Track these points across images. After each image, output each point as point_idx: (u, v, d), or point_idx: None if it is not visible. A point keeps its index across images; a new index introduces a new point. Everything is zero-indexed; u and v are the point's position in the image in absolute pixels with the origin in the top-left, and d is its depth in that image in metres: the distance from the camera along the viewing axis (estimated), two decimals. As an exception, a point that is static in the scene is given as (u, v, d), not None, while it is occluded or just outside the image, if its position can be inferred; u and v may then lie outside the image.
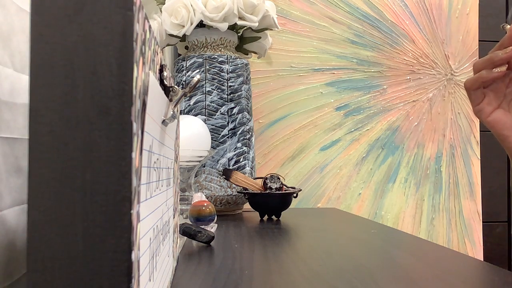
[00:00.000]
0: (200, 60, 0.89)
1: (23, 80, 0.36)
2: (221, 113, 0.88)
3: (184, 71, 0.90)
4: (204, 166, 0.87)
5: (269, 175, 0.82)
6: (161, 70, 0.28)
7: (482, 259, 1.28)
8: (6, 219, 0.32)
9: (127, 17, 0.18)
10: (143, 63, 0.21)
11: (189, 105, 0.88)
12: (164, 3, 0.89)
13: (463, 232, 1.30)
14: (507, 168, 1.47)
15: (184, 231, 0.53)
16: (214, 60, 0.89)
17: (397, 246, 0.55)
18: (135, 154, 0.18)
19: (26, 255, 0.24)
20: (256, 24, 0.88)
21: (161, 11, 0.90)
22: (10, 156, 0.33)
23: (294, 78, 1.24)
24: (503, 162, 1.46)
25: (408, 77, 1.30)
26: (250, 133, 0.93)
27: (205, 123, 0.83)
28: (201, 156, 0.71)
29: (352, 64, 1.27)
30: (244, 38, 0.97)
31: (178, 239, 0.48)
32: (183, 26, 0.86)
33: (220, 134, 0.88)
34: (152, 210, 0.24)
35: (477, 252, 1.31)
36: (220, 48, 0.90)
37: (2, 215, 0.32)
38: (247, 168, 0.90)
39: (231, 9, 0.84)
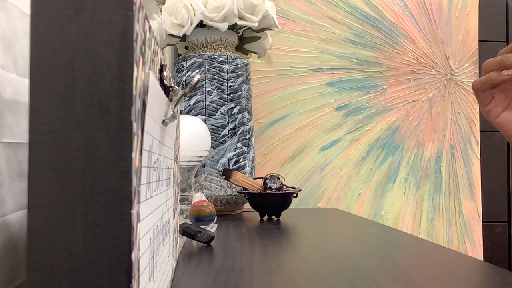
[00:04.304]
0: (200, 60, 0.89)
1: (26, 84, 0.36)
2: (221, 113, 0.88)
3: (184, 71, 0.90)
4: (204, 166, 0.87)
5: (269, 175, 0.82)
6: (161, 70, 0.28)
7: (482, 259, 1.28)
8: (9, 224, 0.32)
9: (127, 17, 0.18)
10: (143, 63, 0.21)
11: (189, 105, 0.88)
12: (164, 3, 0.89)
13: (463, 232, 1.30)
14: (507, 168, 1.47)
15: (184, 231, 0.53)
16: (214, 60, 0.89)
17: (397, 246, 0.55)
18: (135, 154, 0.18)
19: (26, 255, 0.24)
20: (256, 24, 0.88)
21: (161, 11, 0.90)
22: (13, 161, 0.33)
23: (294, 78, 1.24)
24: (503, 162, 1.46)
25: (408, 77, 1.30)
26: (250, 133, 0.93)
27: (205, 123, 0.83)
28: (201, 156, 0.71)
29: (352, 64, 1.27)
30: (244, 38, 0.97)
31: (178, 239, 0.48)
32: (183, 26, 0.86)
33: (220, 134, 0.88)
34: (152, 210, 0.24)
35: (477, 252, 1.31)
36: (220, 48, 0.90)
37: (5, 220, 0.32)
38: (247, 168, 0.90)
39: (231, 9, 0.84)
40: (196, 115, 0.87)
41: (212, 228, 0.62)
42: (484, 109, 0.58)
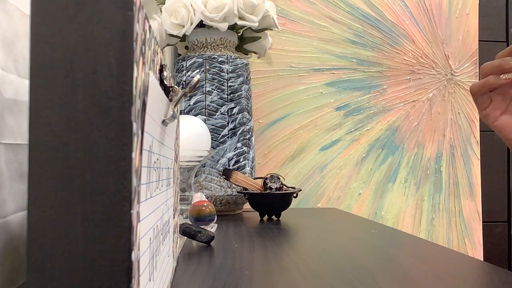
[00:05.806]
0: (200, 60, 0.89)
1: (27, 85, 0.36)
2: (221, 113, 0.88)
3: (184, 71, 0.90)
4: (204, 166, 0.87)
5: (269, 175, 0.81)
6: (161, 70, 0.28)
7: (482, 259, 1.28)
8: (10, 225, 0.32)
9: (127, 17, 0.18)
10: (143, 63, 0.21)
11: (189, 105, 0.88)
12: (164, 3, 0.89)
13: (463, 232, 1.30)
14: (507, 168, 1.47)
15: (184, 231, 0.53)
16: (214, 60, 0.89)
17: (397, 246, 0.55)
18: (135, 154, 0.18)
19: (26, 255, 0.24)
20: (256, 24, 0.88)
21: (161, 11, 0.90)
22: (14, 162, 0.33)
23: (294, 78, 1.24)
24: (503, 162, 1.46)
25: (408, 77, 1.30)
26: (250, 133, 0.93)
27: (205, 123, 0.83)
28: (201, 156, 0.71)
29: (352, 64, 1.27)
30: (244, 38, 0.97)
31: (178, 239, 0.48)
32: (183, 26, 0.86)
33: (220, 134, 0.88)
34: (152, 210, 0.24)
35: (477, 252, 1.31)
36: (220, 48, 0.90)
37: (6, 221, 0.32)
38: (247, 168, 0.90)
39: (231, 9, 0.84)
40: (196, 115, 0.87)
41: (212, 228, 0.62)
42: (482, 112, 0.58)
